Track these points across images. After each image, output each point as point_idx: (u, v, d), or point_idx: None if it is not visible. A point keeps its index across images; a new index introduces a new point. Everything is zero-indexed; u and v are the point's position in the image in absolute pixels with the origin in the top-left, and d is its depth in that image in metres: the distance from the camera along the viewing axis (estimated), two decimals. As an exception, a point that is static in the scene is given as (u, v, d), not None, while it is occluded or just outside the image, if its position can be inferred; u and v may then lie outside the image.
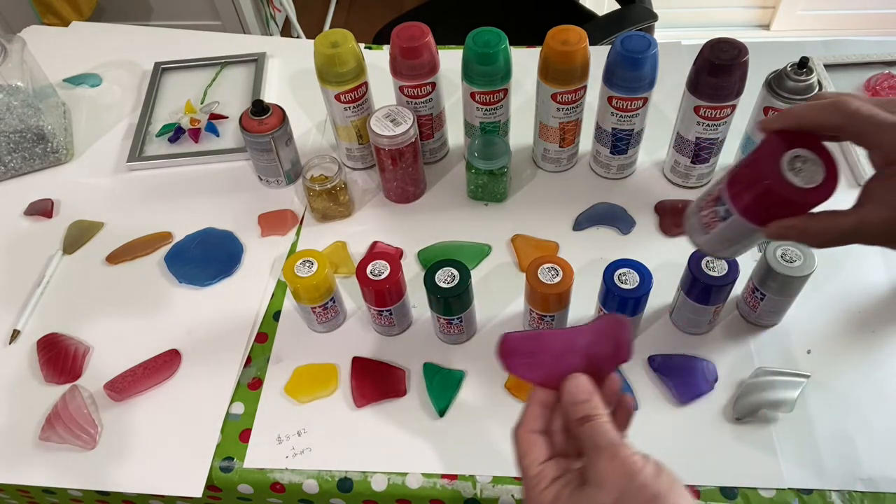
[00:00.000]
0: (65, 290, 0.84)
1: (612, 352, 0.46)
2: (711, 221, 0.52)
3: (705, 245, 0.54)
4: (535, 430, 0.45)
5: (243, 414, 0.72)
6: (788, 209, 0.47)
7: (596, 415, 0.43)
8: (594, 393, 0.44)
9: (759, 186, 0.46)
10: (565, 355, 0.46)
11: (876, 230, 0.45)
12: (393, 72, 0.83)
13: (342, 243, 0.85)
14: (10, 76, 0.92)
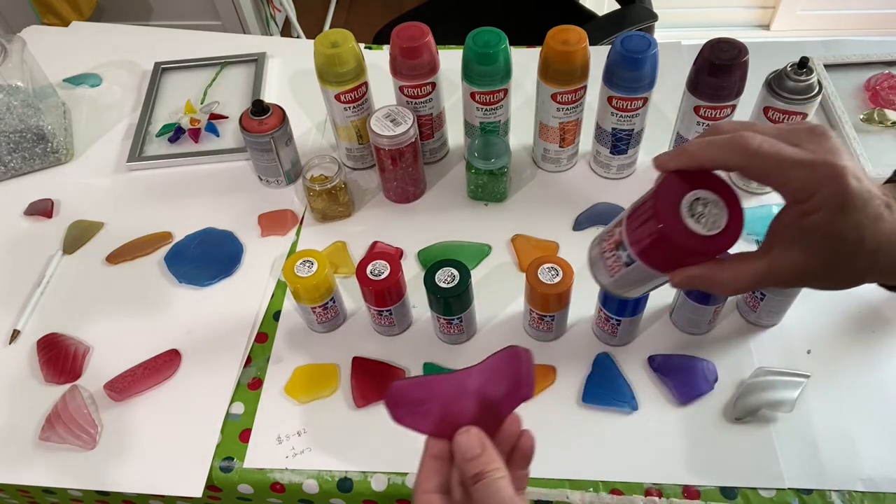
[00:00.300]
0: (65, 290, 0.84)
1: (509, 389, 0.43)
2: (615, 265, 0.49)
3: (612, 288, 0.52)
4: (431, 489, 0.42)
5: (243, 414, 0.72)
6: (692, 258, 0.44)
7: (488, 472, 0.40)
8: (486, 447, 0.41)
9: (658, 236, 0.43)
10: (456, 400, 0.43)
11: (787, 275, 0.43)
12: (393, 72, 0.83)
13: (342, 243, 0.85)
14: (10, 76, 0.92)
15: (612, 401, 0.69)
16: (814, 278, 0.42)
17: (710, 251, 0.43)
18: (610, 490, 0.65)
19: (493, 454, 0.41)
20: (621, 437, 0.68)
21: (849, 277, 0.42)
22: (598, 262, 0.51)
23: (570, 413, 0.69)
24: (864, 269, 0.42)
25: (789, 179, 0.40)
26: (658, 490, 0.64)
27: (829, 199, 0.39)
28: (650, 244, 0.44)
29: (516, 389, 0.43)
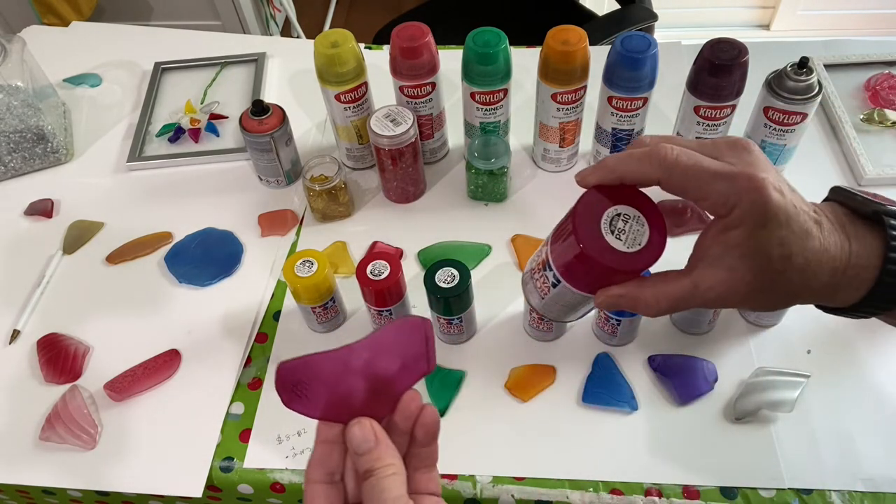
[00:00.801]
0: (65, 290, 0.84)
1: (405, 365, 0.39)
2: (544, 286, 0.47)
3: (544, 311, 0.50)
4: (317, 478, 0.39)
5: (243, 414, 0.72)
6: (614, 276, 0.42)
7: (377, 469, 0.37)
8: (379, 441, 0.38)
9: (578, 254, 0.42)
10: (342, 380, 0.39)
11: (712, 294, 0.41)
12: (393, 72, 0.83)
13: (342, 243, 0.85)
14: (10, 76, 0.92)
15: (612, 401, 0.69)
16: (740, 297, 0.40)
17: (632, 269, 0.42)
18: (610, 490, 0.65)
19: (386, 449, 0.38)
20: (621, 437, 0.68)
21: (778, 297, 0.40)
22: (529, 282, 0.50)
23: (570, 413, 0.69)
24: (793, 290, 0.40)
25: (709, 193, 0.40)
26: (658, 490, 0.64)
27: (750, 213, 0.38)
28: (571, 263, 0.43)
29: (414, 365, 0.39)
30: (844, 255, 0.39)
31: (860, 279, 0.39)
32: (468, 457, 0.67)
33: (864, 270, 0.39)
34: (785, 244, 0.38)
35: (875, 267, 0.38)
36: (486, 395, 0.71)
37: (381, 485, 0.36)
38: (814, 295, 0.40)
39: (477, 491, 0.66)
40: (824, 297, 0.40)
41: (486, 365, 0.73)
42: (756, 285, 0.39)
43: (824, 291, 0.39)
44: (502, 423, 0.69)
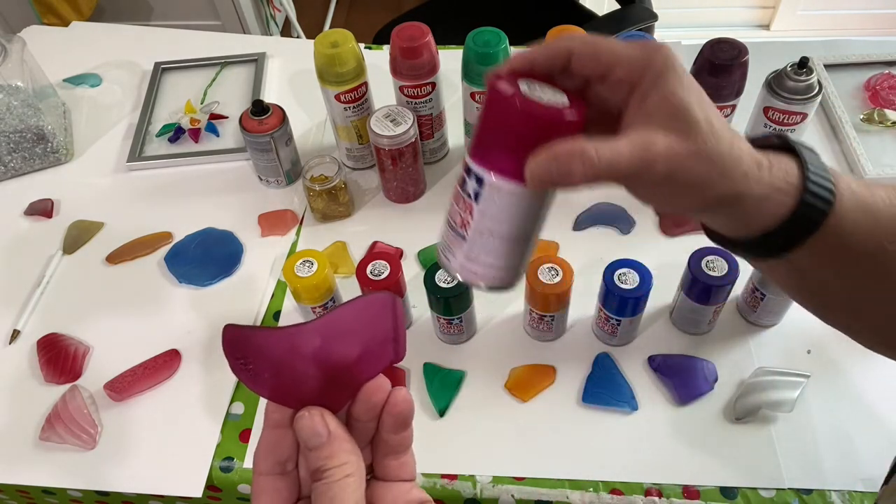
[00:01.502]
0: (65, 290, 0.84)
1: (367, 350, 0.34)
2: (464, 215, 0.39)
3: (471, 258, 0.39)
4: (266, 469, 0.34)
5: (243, 414, 0.72)
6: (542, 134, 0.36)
7: (329, 469, 0.32)
8: (331, 437, 0.33)
9: (502, 116, 0.36)
10: (289, 364, 0.33)
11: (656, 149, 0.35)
12: (393, 72, 0.83)
13: (342, 243, 0.85)
14: (10, 76, 0.92)
15: (612, 401, 0.69)
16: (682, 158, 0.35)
17: (561, 122, 0.36)
18: (610, 490, 0.65)
19: (340, 444, 0.33)
20: (621, 437, 0.68)
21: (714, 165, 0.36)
22: (446, 235, 0.41)
23: (570, 413, 0.69)
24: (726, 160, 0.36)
25: (620, 58, 0.36)
26: (658, 490, 0.64)
27: (664, 71, 0.36)
28: (493, 137, 0.37)
29: (379, 350, 0.34)
30: (762, 157, 0.37)
31: (781, 195, 0.37)
32: (468, 457, 0.67)
33: (784, 187, 0.37)
34: (703, 106, 0.36)
35: (794, 186, 0.37)
36: (486, 395, 0.71)
37: (331, 491, 0.32)
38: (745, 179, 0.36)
39: (477, 491, 0.66)
40: (751, 193, 0.36)
41: (486, 365, 0.73)
42: (691, 145, 0.35)
43: (752, 186, 0.36)
44: (502, 423, 0.69)
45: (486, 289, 0.40)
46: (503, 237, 0.39)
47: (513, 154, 0.36)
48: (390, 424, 0.36)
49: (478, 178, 0.37)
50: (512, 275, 0.40)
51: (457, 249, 0.40)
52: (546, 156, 0.35)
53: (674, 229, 0.86)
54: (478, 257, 0.39)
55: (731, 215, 0.38)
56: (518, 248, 0.40)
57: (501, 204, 0.38)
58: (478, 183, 0.37)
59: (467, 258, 0.39)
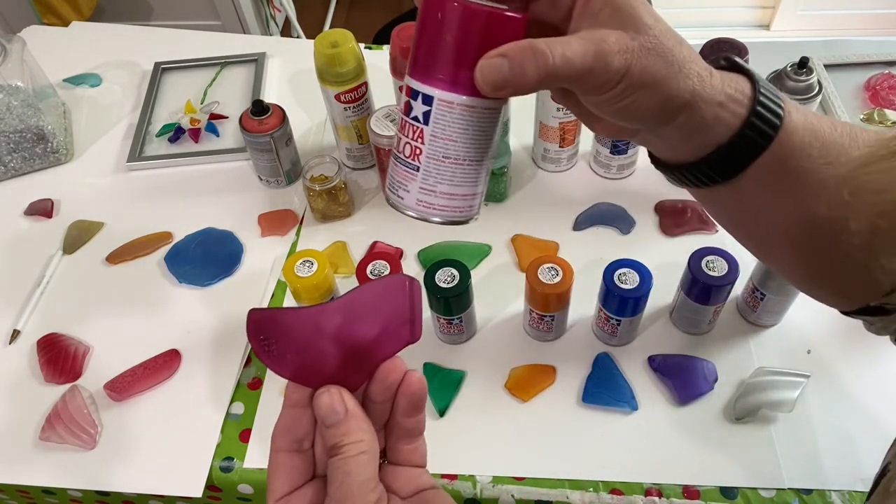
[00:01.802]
0: (65, 290, 0.84)
1: (385, 331, 0.35)
2: (414, 143, 0.36)
3: (426, 189, 0.37)
4: (283, 447, 0.35)
5: (243, 414, 0.72)
6: (487, 37, 0.34)
7: (345, 445, 0.33)
8: (348, 415, 0.34)
9: (443, 24, 0.34)
10: (312, 344, 0.34)
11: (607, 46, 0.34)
12: (393, 72, 0.83)
13: (342, 243, 0.85)
14: (10, 76, 0.92)
15: (612, 401, 0.69)
16: (634, 56, 0.34)
17: (505, 20, 0.34)
18: (610, 490, 0.65)
19: (356, 422, 0.34)
20: (621, 437, 0.68)
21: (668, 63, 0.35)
22: (395, 169, 0.38)
23: (570, 413, 0.69)
24: (677, 57, 0.35)
25: None
26: (658, 490, 0.64)
27: None
28: (435, 47, 0.35)
29: (396, 331, 0.35)
30: (712, 68, 0.37)
31: (734, 104, 0.36)
32: (468, 457, 0.67)
33: (737, 96, 0.36)
34: (648, 8, 0.35)
35: (746, 96, 0.37)
36: (486, 395, 0.71)
37: (346, 466, 0.33)
38: (699, 80, 0.36)
39: (477, 491, 0.66)
40: (705, 96, 0.36)
41: (486, 365, 0.73)
42: (643, 40, 0.34)
43: (706, 88, 0.36)
44: (502, 423, 0.69)
45: (443, 223, 0.38)
46: (459, 159, 0.37)
47: (459, 64, 0.34)
48: (404, 406, 0.36)
49: (424, 97, 0.36)
50: (469, 205, 0.39)
51: (410, 183, 0.37)
52: (496, 56, 0.34)
53: (674, 229, 0.87)
54: (434, 187, 0.37)
55: (685, 126, 0.37)
56: (474, 172, 0.38)
57: (453, 121, 0.36)
58: (425, 102, 0.36)
59: (422, 190, 0.37)
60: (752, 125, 0.36)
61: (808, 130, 0.37)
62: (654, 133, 0.39)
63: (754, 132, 0.36)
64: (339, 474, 0.33)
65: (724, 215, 0.43)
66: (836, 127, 0.38)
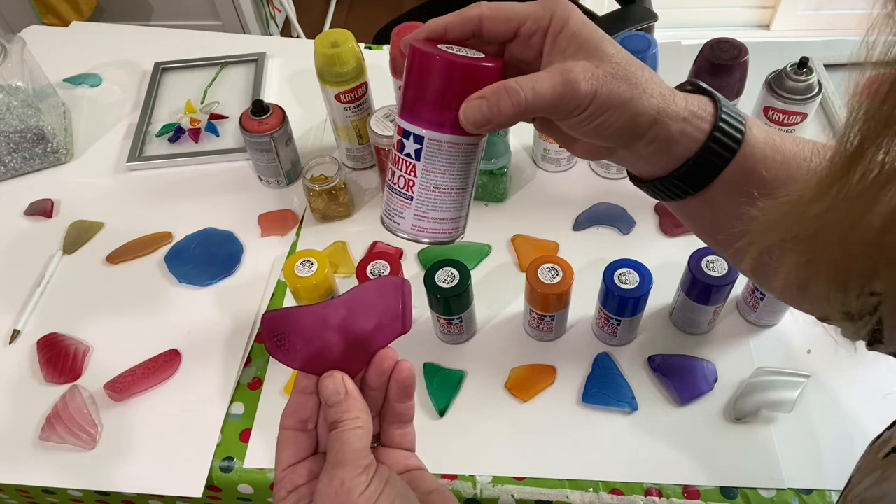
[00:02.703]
0: (65, 290, 0.84)
1: (381, 324, 0.40)
2: (408, 176, 0.42)
3: (420, 216, 0.43)
4: (290, 425, 0.41)
5: (243, 414, 0.72)
6: (467, 83, 0.39)
7: (343, 421, 0.38)
8: (349, 394, 0.39)
9: (428, 75, 0.39)
10: (318, 335, 0.40)
11: (575, 75, 0.38)
12: (393, 72, 0.83)
13: (342, 243, 0.85)
14: (10, 76, 0.92)
15: (612, 401, 0.69)
16: (602, 81, 0.38)
17: (481, 69, 0.39)
18: (610, 490, 0.65)
19: (354, 402, 0.39)
20: (621, 437, 0.68)
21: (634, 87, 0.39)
22: (390, 199, 0.43)
23: (570, 413, 0.69)
24: (642, 80, 0.39)
25: (526, 13, 0.40)
26: (658, 490, 0.64)
27: (567, 11, 0.40)
28: (422, 94, 0.40)
29: (390, 324, 0.40)
30: (674, 92, 0.41)
31: (698, 120, 0.40)
32: (468, 457, 0.67)
33: (701, 112, 0.40)
34: (609, 41, 0.40)
35: (710, 113, 0.40)
36: (486, 395, 0.71)
37: (344, 436, 0.38)
38: (663, 98, 0.39)
39: (477, 491, 0.66)
40: (670, 112, 0.39)
41: (486, 365, 0.73)
42: (607, 67, 0.39)
43: (671, 106, 0.40)
44: (502, 423, 0.69)
45: (432, 243, 0.44)
46: (447, 188, 0.43)
47: (444, 108, 0.40)
48: (395, 391, 0.42)
49: (416, 136, 0.41)
50: (457, 227, 0.45)
51: (405, 211, 0.43)
52: (475, 98, 0.39)
53: (674, 229, 0.87)
54: (426, 213, 0.43)
55: (654, 141, 0.40)
56: (459, 199, 0.44)
57: (441, 156, 0.41)
58: (416, 142, 0.41)
59: (416, 216, 0.43)
60: (715, 139, 0.40)
61: (769, 145, 0.41)
62: (627, 150, 0.42)
63: (718, 145, 0.40)
64: (337, 444, 0.38)
65: (699, 227, 0.47)
66: (799, 143, 0.42)
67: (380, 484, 0.38)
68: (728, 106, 0.41)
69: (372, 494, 0.37)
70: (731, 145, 0.40)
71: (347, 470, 0.37)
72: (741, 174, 0.40)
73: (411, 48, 0.41)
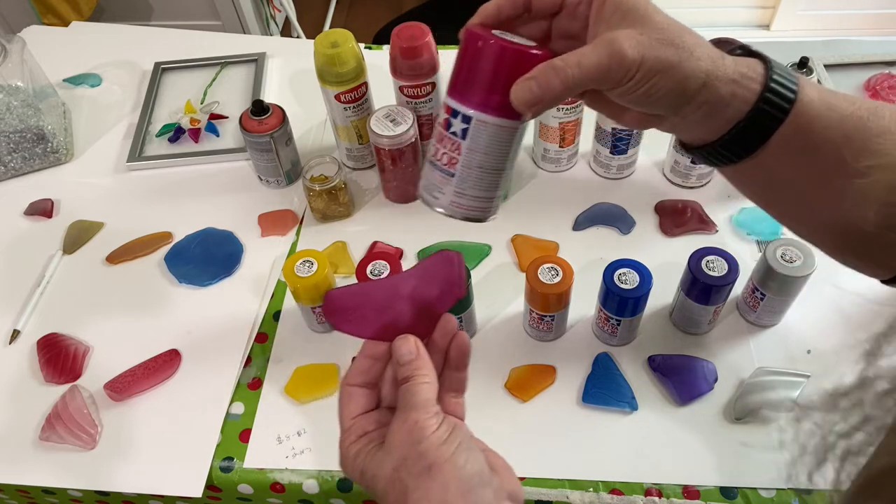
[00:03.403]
0: (65, 290, 0.84)
1: (443, 291, 0.45)
2: (452, 154, 0.44)
3: (460, 192, 0.45)
4: (357, 383, 0.45)
5: (243, 414, 0.72)
6: (518, 68, 0.41)
7: (414, 376, 0.42)
8: (420, 354, 0.43)
9: (483, 59, 0.42)
10: (391, 305, 0.45)
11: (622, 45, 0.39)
12: (393, 72, 0.83)
13: (342, 243, 0.85)
14: (10, 76, 0.91)
15: (612, 401, 0.69)
16: (648, 47, 0.39)
17: (531, 55, 0.41)
18: (610, 490, 0.65)
19: (424, 361, 0.43)
20: (621, 437, 0.68)
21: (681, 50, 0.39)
22: (431, 174, 0.45)
23: (570, 413, 0.69)
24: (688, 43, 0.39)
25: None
26: (658, 490, 0.64)
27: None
28: (476, 76, 0.43)
29: (449, 290, 0.45)
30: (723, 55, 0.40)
31: (749, 81, 0.40)
32: (468, 457, 0.67)
33: (751, 73, 0.40)
34: (653, 6, 0.40)
35: (760, 74, 0.40)
36: (486, 395, 0.71)
37: (414, 388, 0.42)
38: (711, 61, 0.39)
39: (477, 491, 0.66)
40: (720, 74, 0.39)
41: (487, 365, 0.73)
42: (651, 33, 0.39)
43: (720, 68, 0.39)
44: (502, 423, 0.69)
45: (467, 220, 0.46)
46: (489, 169, 0.44)
47: (494, 91, 0.42)
48: (455, 358, 0.45)
49: (465, 117, 0.43)
50: (491, 206, 0.47)
51: (445, 187, 0.45)
52: (525, 79, 0.41)
53: (674, 229, 0.87)
54: (465, 191, 0.45)
55: (704, 105, 0.40)
56: (498, 179, 0.46)
57: (487, 138, 0.43)
58: (465, 121, 0.43)
59: (456, 193, 0.45)
60: (766, 99, 0.39)
61: (824, 104, 0.40)
62: (678, 115, 0.41)
63: (769, 105, 0.39)
64: (408, 394, 0.42)
65: (754, 193, 0.46)
66: (854, 102, 0.40)
67: (449, 426, 0.41)
68: (779, 66, 0.40)
69: (442, 434, 0.40)
70: (783, 105, 0.39)
71: (419, 412, 0.41)
72: (795, 134, 0.40)
73: (467, 32, 0.43)
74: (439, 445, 0.39)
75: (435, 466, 0.39)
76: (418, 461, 0.39)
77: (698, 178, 0.86)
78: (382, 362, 0.45)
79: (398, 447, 0.40)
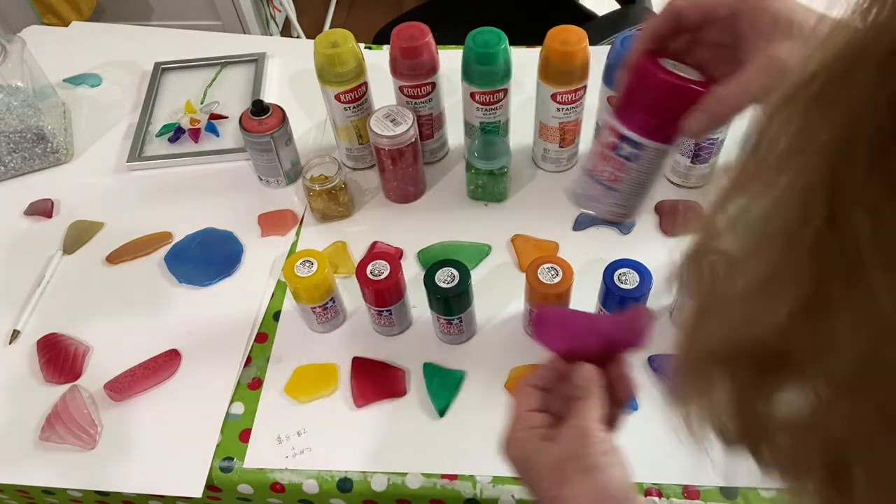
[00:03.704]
0: (65, 290, 0.84)
1: (629, 338, 0.50)
2: (617, 173, 0.51)
3: (618, 203, 0.53)
4: (536, 384, 0.51)
5: (243, 414, 0.72)
6: (687, 103, 0.47)
7: (587, 398, 0.48)
8: (594, 382, 0.48)
9: (655, 92, 0.47)
10: (586, 335, 0.51)
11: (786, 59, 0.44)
12: (393, 72, 0.83)
13: (342, 243, 0.85)
14: (10, 76, 0.91)
15: (612, 401, 0.69)
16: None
17: (698, 91, 0.46)
18: (610, 490, 0.64)
19: (597, 389, 0.48)
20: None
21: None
22: (591, 187, 0.53)
23: (570, 413, 0.69)
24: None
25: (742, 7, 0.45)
26: (658, 490, 0.64)
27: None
28: (648, 107, 0.48)
29: (633, 339, 0.50)
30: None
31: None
32: (468, 457, 0.67)
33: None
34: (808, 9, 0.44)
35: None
36: (486, 395, 0.71)
37: (584, 406, 0.47)
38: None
39: (477, 491, 0.66)
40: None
41: (487, 365, 0.73)
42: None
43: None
44: (502, 423, 0.69)
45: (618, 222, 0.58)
46: (643, 184, 0.51)
47: (663, 120, 0.48)
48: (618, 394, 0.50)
49: (633, 142, 0.49)
50: (637, 210, 0.55)
51: (604, 199, 0.53)
52: (697, 112, 0.46)
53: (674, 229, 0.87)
54: (623, 202, 0.52)
55: None
56: (650, 189, 0.53)
57: (650, 159, 0.50)
58: (634, 147, 0.49)
59: (615, 205, 0.53)
60: None
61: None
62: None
63: None
64: (583, 409, 0.47)
65: None
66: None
67: (611, 442, 0.46)
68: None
69: (607, 439, 0.46)
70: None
71: (592, 423, 0.46)
72: None
73: (641, 67, 0.48)
74: (603, 454, 0.45)
75: (597, 469, 0.44)
76: (584, 460, 0.45)
77: (698, 178, 0.86)
78: (562, 379, 0.51)
79: (568, 443, 0.46)
